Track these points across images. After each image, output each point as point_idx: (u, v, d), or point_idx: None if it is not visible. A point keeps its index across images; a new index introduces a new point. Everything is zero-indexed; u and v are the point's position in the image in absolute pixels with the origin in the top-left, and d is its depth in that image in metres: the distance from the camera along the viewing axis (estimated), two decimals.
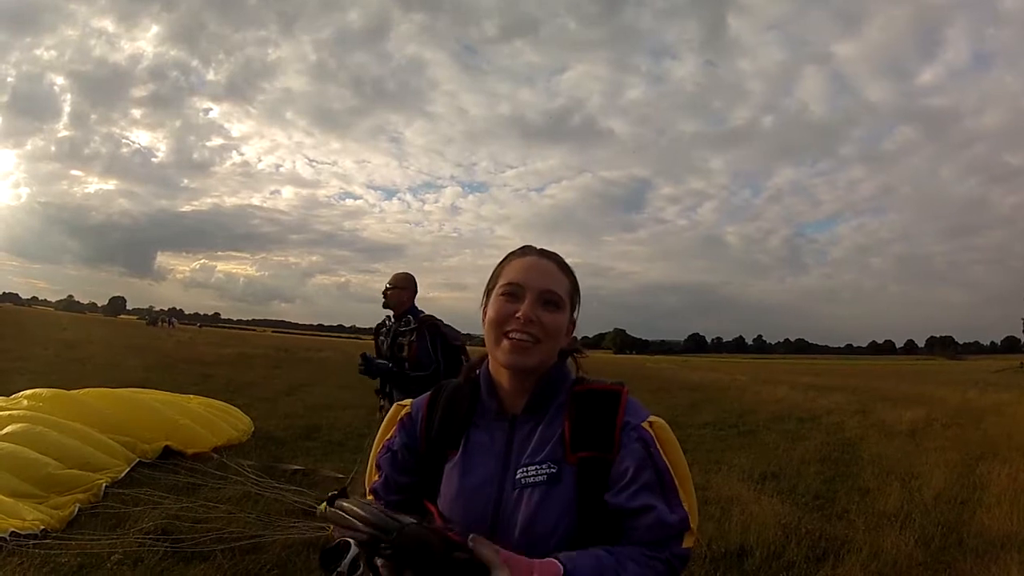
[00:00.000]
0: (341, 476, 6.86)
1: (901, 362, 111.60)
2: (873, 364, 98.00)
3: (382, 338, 5.71)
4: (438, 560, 1.16)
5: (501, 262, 1.63)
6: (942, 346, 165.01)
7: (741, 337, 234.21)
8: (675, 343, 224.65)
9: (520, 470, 1.46)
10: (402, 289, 5.65)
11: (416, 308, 5.66)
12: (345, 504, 1.22)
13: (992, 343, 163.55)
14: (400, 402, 1.71)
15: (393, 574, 1.17)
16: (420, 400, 1.66)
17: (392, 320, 5.70)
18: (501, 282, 1.54)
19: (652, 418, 1.49)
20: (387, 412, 4.21)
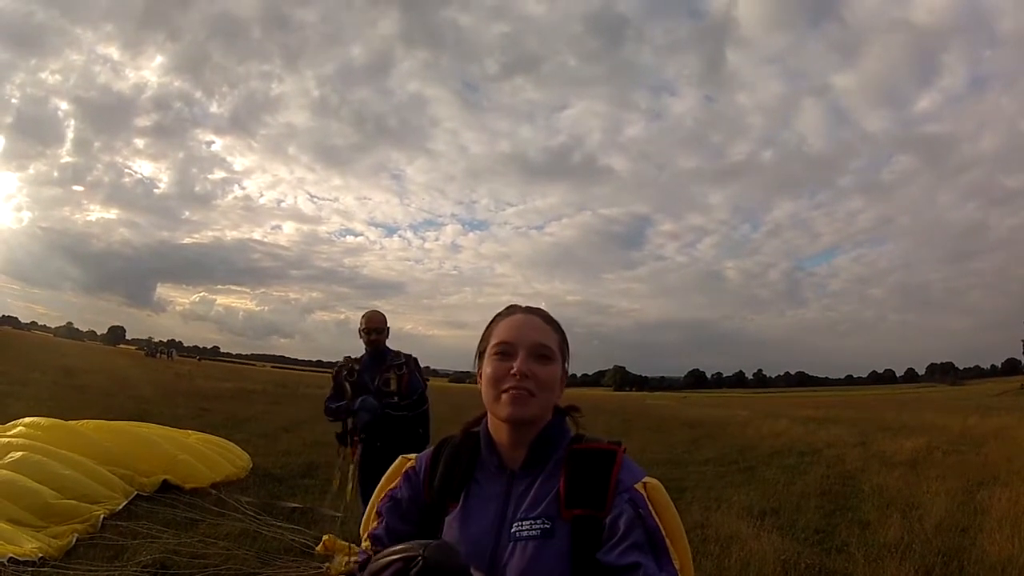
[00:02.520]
0: (339, 515, 6.90)
1: (902, 391, 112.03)
2: (874, 394, 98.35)
3: (347, 378, 5.77)
4: (465, 570, 1.24)
5: (489, 325, 1.74)
6: (943, 372, 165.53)
7: (741, 371, 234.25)
8: (675, 379, 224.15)
9: (516, 524, 1.53)
10: (385, 330, 5.82)
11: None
12: (380, 552, 1.30)
13: (992, 366, 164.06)
14: (405, 455, 1.81)
15: None
16: (424, 454, 1.77)
17: (362, 359, 5.82)
18: (493, 342, 1.66)
19: (647, 479, 1.55)
20: (356, 455, 5.77)
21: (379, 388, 5.58)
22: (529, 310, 1.73)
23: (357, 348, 5.91)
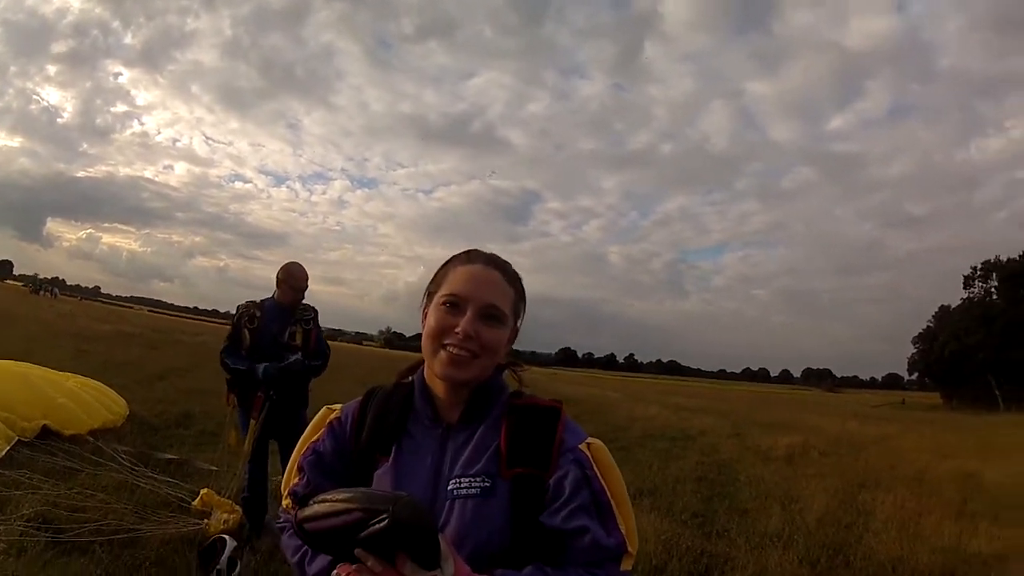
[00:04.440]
0: (215, 468, 6.89)
1: (776, 390, 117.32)
2: (747, 390, 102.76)
3: (247, 325, 5.53)
4: (435, 533, 1.22)
5: (445, 265, 1.67)
6: (819, 378, 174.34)
7: (613, 354, 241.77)
8: (546, 355, 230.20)
9: (453, 481, 1.50)
10: (306, 288, 5.70)
11: None
12: (321, 496, 1.26)
13: (872, 378, 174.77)
14: (329, 406, 1.75)
15: (383, 558, 1.21)
16: (351, 404, 1.70)
17: (265, 305, 5.60)
18: (443, 291, 1.59)
19: (590, 440, 1.55)
20: (261, 416, 5.55)
21: (285, 342, 5.50)
22: (490, 261, 1.66)
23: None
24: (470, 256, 1.65)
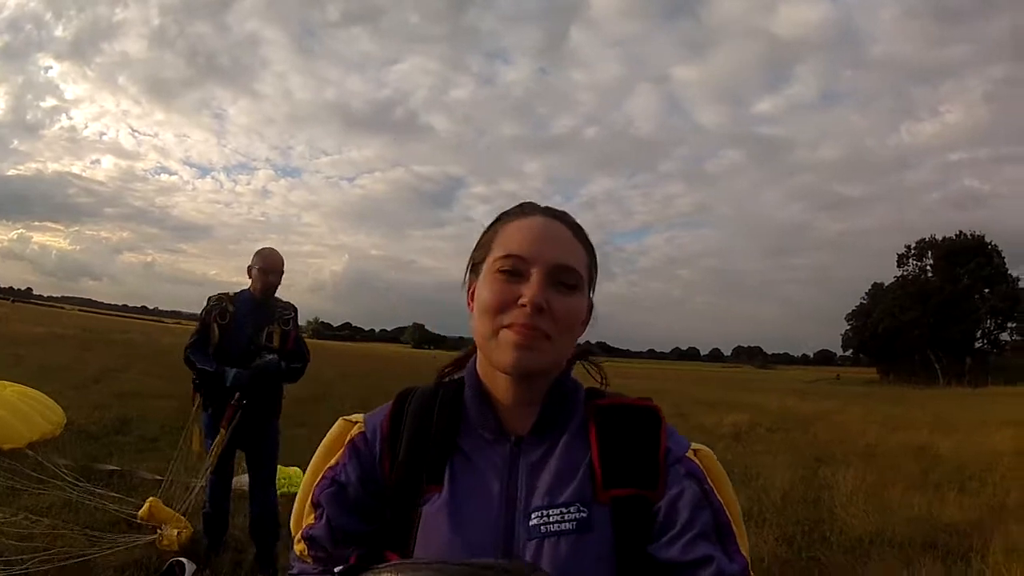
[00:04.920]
0: (159, 479, 6.58)
1: (707, 368, 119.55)
2: (678, 369, 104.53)
3: (218, 320, 4.95)
4: None
5: (493, 224, 1.30)
6: (749, 355, 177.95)
7: None
8: (471, 340, 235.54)
9: (536, 514, 1.12)
10: (282, 274, 5.09)
11: None
12: (386, 568, 0.93)
13: (804, 355, 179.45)
14: (347, 417, 1.31)
15: None
16: (377, 415, 1.28)
17: (239, 298, 5.01)
18: (497, 253, 1.20)
19: (696, 446, 1.22)
20: (231, 423, 4.99)
21: (261, 344, 4.93)
22: (552, 213, 1.26)
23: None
24: (524, 209, 1.26)
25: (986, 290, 65.30)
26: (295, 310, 5.21)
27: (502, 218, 1.28)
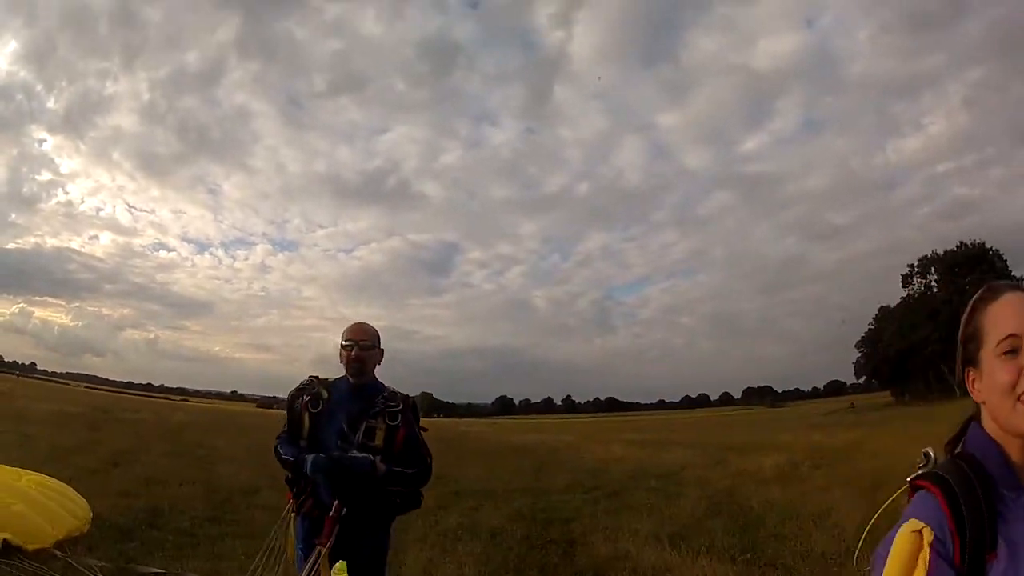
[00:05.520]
0: None
1: (720, 413, 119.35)
2: (692, 417, 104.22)
3: (309, 407, 4.01)
4: None
5: (973, 311, 1.42)
6: (760, 395, 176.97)
7: (550, 398, 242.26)
8: (482, 405, 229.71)
9: None
10: (376, 349, 4.13)
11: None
12: None
13: (814, 388, 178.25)
14: (911, 526, 1.28)
15: None
16: (931, 510, 1.29)
17: (336, 385, 4.08)
18: (998, 335, 1.32)
19: None
20: (293, 516, 4.20)
21: (356, 440, 3.91)
22: (1016, 287, 1.38)
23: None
24: (997, 290, 1.40)
25: None
26: (407, 401, 4.08)
27: (978, 305, 1.40)
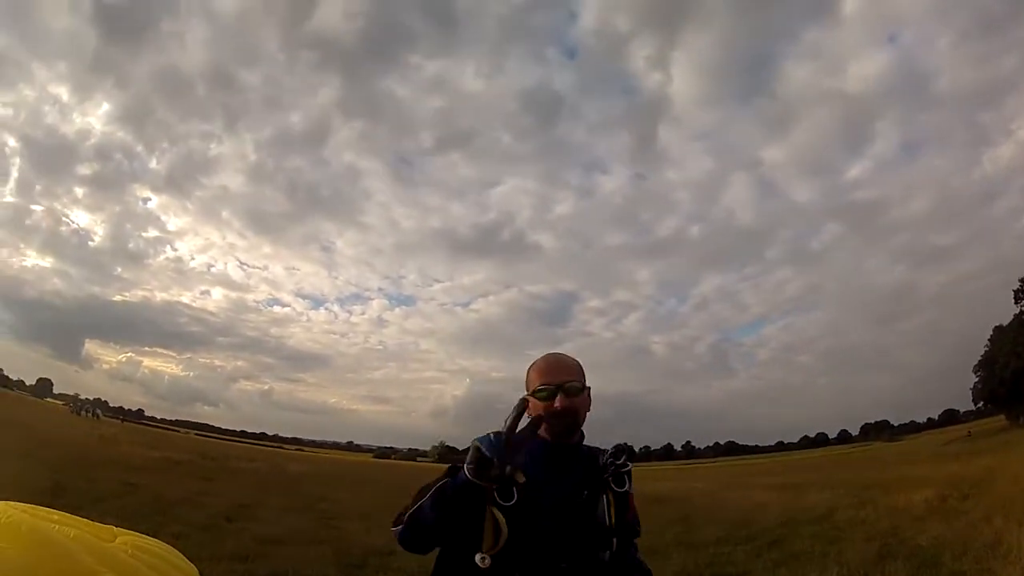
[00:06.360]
0: None
1: (839, 451, 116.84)
2: (814, 457, 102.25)
3: (495, 480, 2.35)
4: None
5: None
6: (877, 430, 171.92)
7: (670, 444, 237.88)
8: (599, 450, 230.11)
9: None
10: (586, 391, 2.75)
11: None
12: None
13: (929, 419, 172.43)
14: None
15: None
16: None
17: (523, 446, 2.39)
18: None
19: None
20: None
21: (589, 520, 2.56)
22: None
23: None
24: None
25: None
26: (626, 452, 2.81)
27: None
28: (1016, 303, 72.56)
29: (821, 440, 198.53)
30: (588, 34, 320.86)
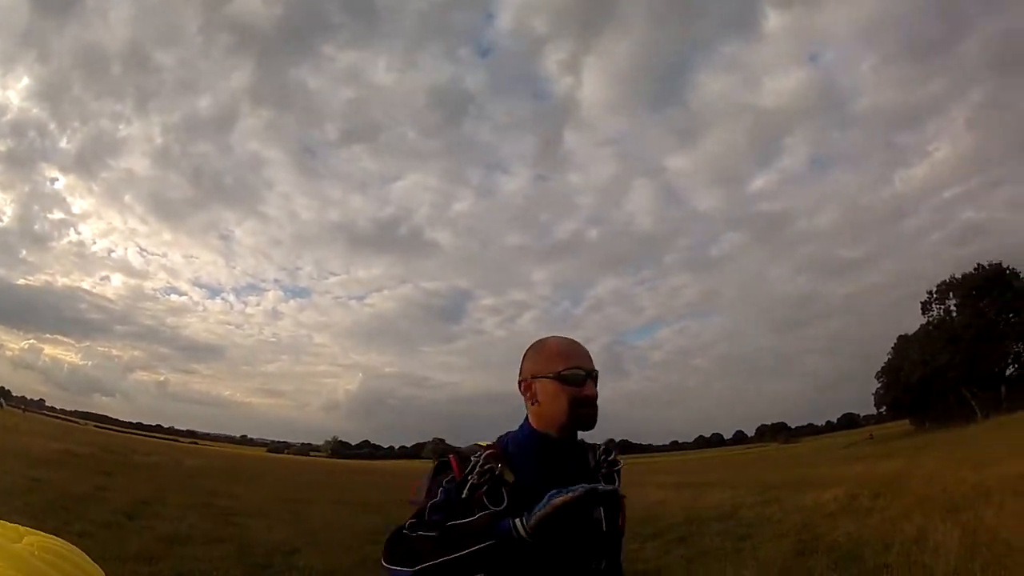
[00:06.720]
0: None
1: (734, 452, 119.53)
2: (709, 456, 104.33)
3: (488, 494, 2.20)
4: None
5: None
6: (773, 432, 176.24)
7: None
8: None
9: None
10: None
11: None
12: None
13: (828, 422, 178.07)
14: None
15: None
16: None
17: (517, 451, 2.31)
18: None
19: None
20: None
21: (578, 524, 2.13)
22: None
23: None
24: None
25: (1011, 315, 66.34)
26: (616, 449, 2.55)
27: None
28: (924, 314, 75.78)
29: (716, 440, 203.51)
30: (503, 35, 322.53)
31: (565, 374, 2.31)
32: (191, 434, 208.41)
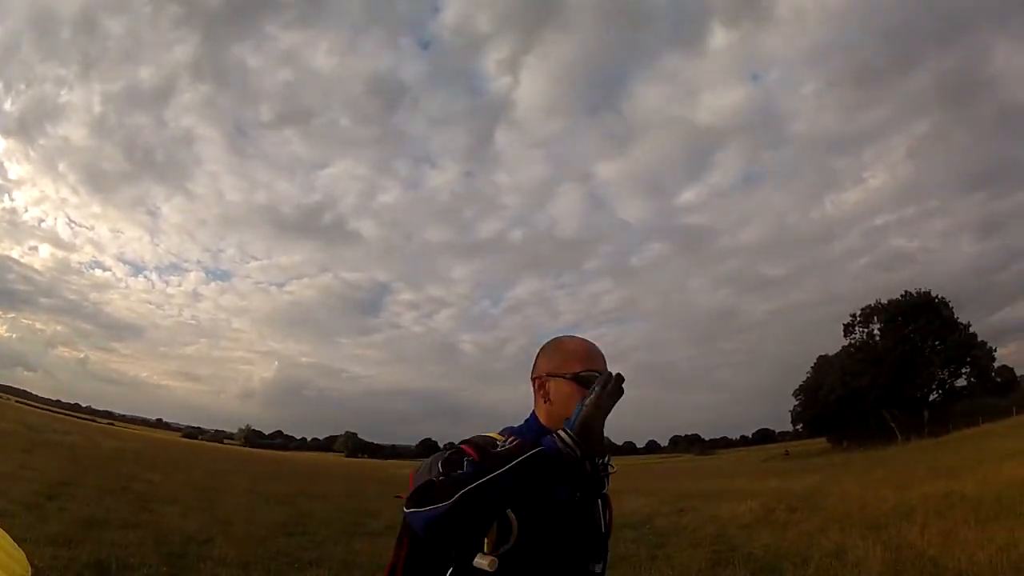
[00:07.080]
0: None
1: (646, 460, 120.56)
2: (620, 464, 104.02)
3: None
4: None
5: None
6: (688, 443, 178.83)
7: None
8: (407, 447, 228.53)
9: None
10: None
11: None
12: None
13: (743, 436, 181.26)
14: None
15: None
16: None
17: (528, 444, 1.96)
18: None
19: None
20: None
21: (581, 525, 2.18)
22: None
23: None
24: None
25: (937, 343, 68.35)
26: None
27: None
28: (846, 335, 77.99)
29: (628, 448, 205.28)
30: (446, 29, 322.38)
31: (583, 376, 2.25)
32: (108, 415, 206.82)
